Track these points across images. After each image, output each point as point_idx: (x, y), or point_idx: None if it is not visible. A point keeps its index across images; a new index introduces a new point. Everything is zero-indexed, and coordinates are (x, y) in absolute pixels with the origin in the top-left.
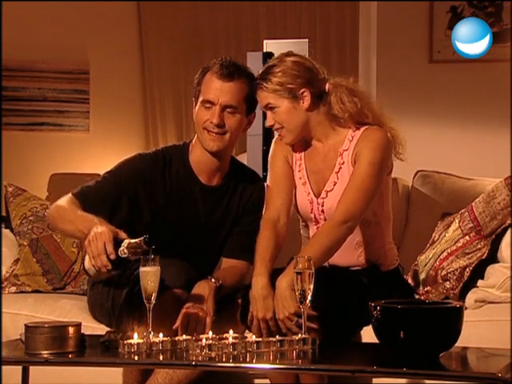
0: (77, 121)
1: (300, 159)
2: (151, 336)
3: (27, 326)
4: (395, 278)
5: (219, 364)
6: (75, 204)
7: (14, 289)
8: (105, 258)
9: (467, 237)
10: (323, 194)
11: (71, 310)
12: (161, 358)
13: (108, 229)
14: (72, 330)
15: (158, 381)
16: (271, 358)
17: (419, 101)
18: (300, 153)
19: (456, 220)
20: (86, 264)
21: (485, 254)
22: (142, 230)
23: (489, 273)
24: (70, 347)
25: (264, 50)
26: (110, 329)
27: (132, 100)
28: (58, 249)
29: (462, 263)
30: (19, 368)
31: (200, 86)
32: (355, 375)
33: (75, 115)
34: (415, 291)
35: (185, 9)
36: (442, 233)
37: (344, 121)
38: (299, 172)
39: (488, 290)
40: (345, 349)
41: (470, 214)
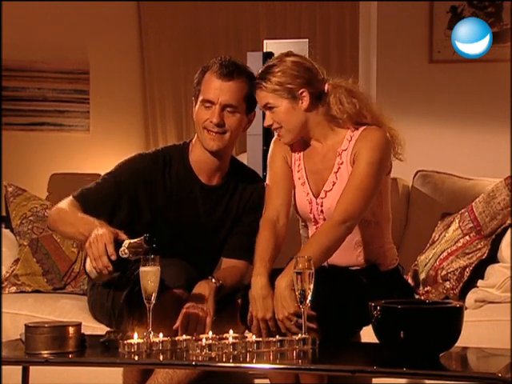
0: (77, 121)
1: (299, 159)
2: (151, 336)
3: (27, 326)
4: (395, 278)
5: (219, 364)
6: (76, 206)
7: (14, 289)
8: (106, 259)
9: (467, 237)
10: (322, 194)
11: (71, 310)
12: (161, 358)
13: (108, 230)
14: (72, 330)
15: (158, 381)
16: (271, 358)
17: (419, 101)
18: (299, 153)
19: (456, 220)
20: (87, 267)
21: (485, 254)
22: (142, 230)
23: (489, 273)
24: (70, 347)
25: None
26: (110, 329)
27: (132, 100)
28: (58, 249)
29: (462, 263)
30: (19, 368)
31: (200, 86)
32: (355, 375)
33: (75, 115)
34: (415, 291)
35: (185, 9)
36: (442, 233)
37: (343, 121)
38: (298, 172)
39: (488, 290)
40: (345, 349)
41: (470, 214)
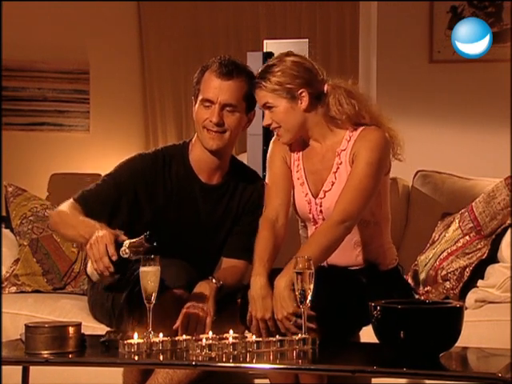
0: (77, 121)
1: (298, 159)
2: (151, 336)
3: (27, 326)
4: (394, 278)
5: (219, 364)
6: (76, 209)
7: (14, 289)
8: (107, 260)
9: (467, 237)
10: (321, 194)
11: (71, 310)
12: (161, 358)
13: (109, 232)
14: (72, 330)
15: (158, 381)
16: (271, 358)
17: (419, 101)
18: (298, 153)
19: (456, 220)
20: (89, 269)
21: (485, 254)
22: (143, 230)
23: (489, 273)
24: (70, 347)
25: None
26: (110, 329)
27: (132, 100)
28: (58, 249)
29: (462, 263)
30: (19, 368)
31: (199, 85)
32: (355, 375)
33: (75, 115)
34: (415, 291)
35: (185, 9)
36: (442, 233)
37: (341, 122)
38: (297, 172)
39: (488, 290)
40: (345, 349)
41: (470, 214)
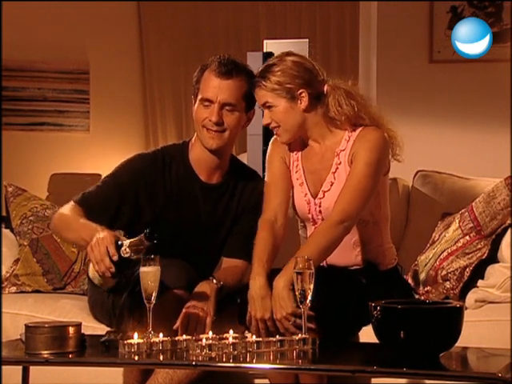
0: (77, 121)
1: (297, 160)
2: (151, 336)
3: (27, 326)
4: (394, 277)
5: (219, 364)
6: (77, 212)
7: (14, 289)
8: (108, 261)
9: (467, 237)
10: (320, 195)
11: (71, 310)
12: (161, 358)
13: (109, 233)
14: (72, 330)
15: (159, 381)
16: (271, 358)
17: (419, 101)
18: (297, 153)
19: (456, 220)
20: (90, 272)
21: (485, 254)
22: (143, 230)
23: (489, 273)
24: (70, 347)
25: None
26: (111, 329)
27: (132, 100)
28: (58, 249)
29: (462, 263)
30: (19, 368)
31: (199, 84)
32: (355, 375)
33: (75, 115)
34: (415, 291)
35: (185, 9)
36: (442, 233)
37: (341, 123)
38: (296, 173)
39: (488, 290)
40: (345, 349)
41: (470, 214)
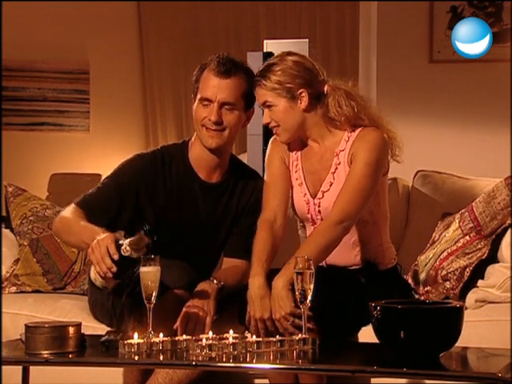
0: (77, 121)
1: (296, 160)
2: (151, 336)
3: (27, 326)
4: (393, 277)
5: (219, 364)
6: (78, 214)
7: (14, 289)
8: (109, 261)
9: (467, 237)
10: (319, 195)
11: (71, 310)
12: (161, 358)
13: (109, 234)
14: (72, 330)
15: (159, 381)
16: (271, 358)
17: (419, 101)
18: (296, 153)
19: (456, 220)
20: (92, 274)
21: (485, 254)
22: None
23: (489, 273)
24: (70, 347)
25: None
26: (111, 329)
27: (132, 100)
28: (58, 249)
29: (462, 263)
30: (19, 368)
31: (198, 84)
32: (355, 375)
33: (75, 115)
34: (415, 291)
35: (185, 9)
36: (442, 233)
37: (340, 124)
38: (296, 172)
39: (488, 290)
40: (345, 349)
41: (470, 214)
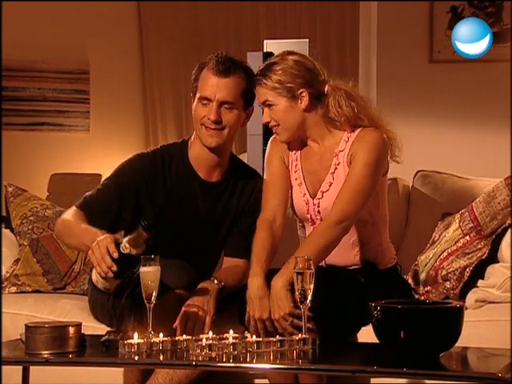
0: (77, 121)
1: (296, 160)
2: (151, 336)
3: (27, 326)
4: (393, 277)
5: (219, 364)
6: (79, 216)
7: (15, 289)
8: (108, 259)
9: (467, 237)
10: (319, 195)
11: (71, 310)
12: (161, 358)
13: (109, 235)
14: (72, 330)
15: (159, 381)
16: (271, 358)
17: (419, 101)
18: (296, 153)
19: (456, 220)
20: (94, 277)
21: (485, 254)
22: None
23: (489, 273)
24: (71, 347)
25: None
26: (111, 329)
27: (132, 100)
28: (59, 249)
29: (463, 263)
30: (19, 368)
31: (197, 83)
32: (355, 375)
33: (75, 115)
34: (415, 291)
35: (185, 9)
36: (443, 233)
37: (340, 124)
38: (295, 173)
39: (488, 290)
40: (345, 349)
41: (471, 214)
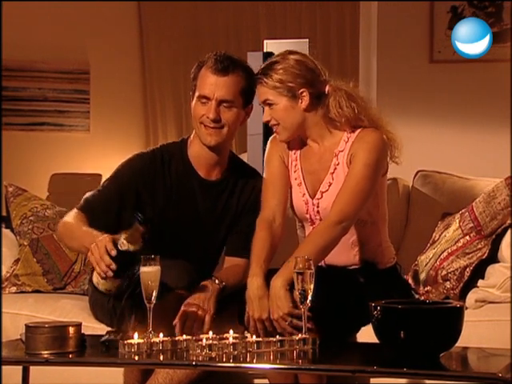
0: (77, 121)
1: (296, 159)
2: (151, 336)
3: (27, 326)
4: (392, 276)
5: (219, 364)
6: (80, 218)
7: (15, 289)
8: (107, 258)
9: (467, 237)
10: (318, 195)
11: (71, 310)
12: (161, 358)
13: (107, 235)
14: (72, 330)
15: (159, 381)
16: (271, 358)
17: (419, 101)
18: (296, 153)
19: (456, 220)
20: (95, 279)
21: (485, 254)
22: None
23: (489, 273)
24: (71, 347)
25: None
26: (111, 329)
27: (132, 100)
28: (59, 249)
29: (463, 263)
30: (19, 368)
31: (196, 81)
32: (355, 375)
33: (75, 115)
34: (415, 291)
35: (185, 9)
36: (443, 233)
37: (340, 124)
38: (295, 172)
39: (488, 290)
40: (345, 349)
41: (471, 214)
